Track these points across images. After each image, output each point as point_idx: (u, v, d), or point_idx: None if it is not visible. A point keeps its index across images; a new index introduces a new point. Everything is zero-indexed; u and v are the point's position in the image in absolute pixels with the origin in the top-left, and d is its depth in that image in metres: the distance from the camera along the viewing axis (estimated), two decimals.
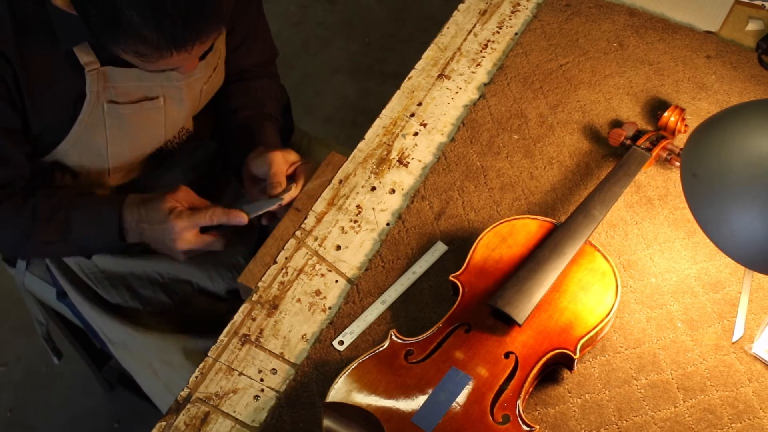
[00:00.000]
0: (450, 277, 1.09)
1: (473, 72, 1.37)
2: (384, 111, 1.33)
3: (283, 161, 1.26)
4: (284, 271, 1.17)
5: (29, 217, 1.20)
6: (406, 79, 1.37)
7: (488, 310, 1.05)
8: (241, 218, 1.21)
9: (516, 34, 1.41)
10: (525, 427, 0.96)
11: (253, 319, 1.13)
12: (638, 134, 1.23)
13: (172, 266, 1.40)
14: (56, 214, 1.21)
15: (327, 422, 0.99)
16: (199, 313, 1.42)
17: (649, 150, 1.19)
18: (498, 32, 1.42)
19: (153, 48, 0.98)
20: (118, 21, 0.95)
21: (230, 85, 1.40)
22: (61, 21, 1.08)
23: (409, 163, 1.27)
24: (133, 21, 0.94)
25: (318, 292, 1.16)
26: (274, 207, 1.24)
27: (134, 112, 1.21)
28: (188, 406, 1.07)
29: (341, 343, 1.10)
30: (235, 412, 1.06)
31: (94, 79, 1.14)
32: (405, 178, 1.26)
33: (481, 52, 1.39)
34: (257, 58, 1.43)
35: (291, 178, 1.28)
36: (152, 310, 1.40)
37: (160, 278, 1.42)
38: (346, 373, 1.01)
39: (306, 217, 1.22)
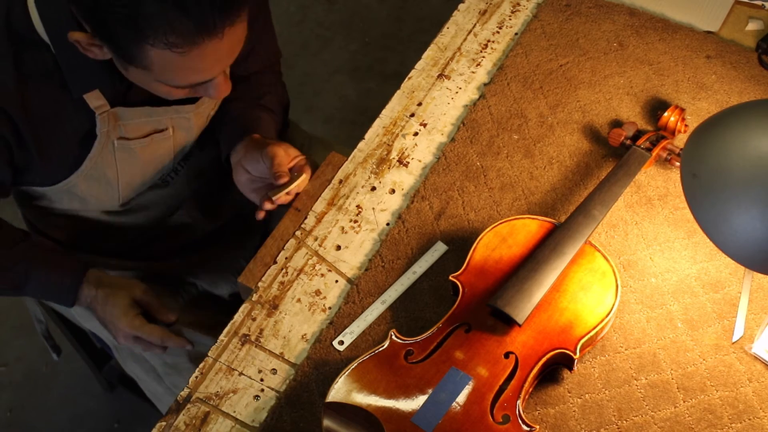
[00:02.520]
0: (450, 277, 1.09)
1: (473, 72, 1.37)
2: (384, 111, 1.33)
3: (284, 154, 1.25)
4: (284, 271, 1.17)
5: None
6: (406, 79, 1.37)
7: (488, 310, 1.05)
8: (187, 346, 1.29)
9: (516, 34, 1.41)
10: (525, 427, 0.96)
11: (253, 319, 1.13)
12: (638, 134, 1.23)
13: (175, 271, 1.41)
14: (15, 266, 1.23)
15: (327, 422, 0.99)
16: (203, 316, 1.42)
17: (649, 150, 1.19)
18: (498, 32, 1.42)
19: (183, 36, 0.95)
20: (143, 14, 0.93)
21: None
22: (72, 69, 1.09)
23: (409, 163, 1.27)
24: (158, 10, 0.93)
25: (318, 292, 1.16)
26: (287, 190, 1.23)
27: (144, 145, 1.22)
28: (188, 406, 1.07)
29: (341, 343, 1.10)
30: (235, 412, 1.06)
31: (105, 121, 1.15)
32: (405, 178, 1.26)
33: (481, 52, 1.40)
34: (261, 64, 1.41)
35: (291, 173, 1.27)
36: None
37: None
38: (346, 373, 1.01)
39: (306, 217, 1.22)
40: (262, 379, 1.09)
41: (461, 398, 0.98)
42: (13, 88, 1.08)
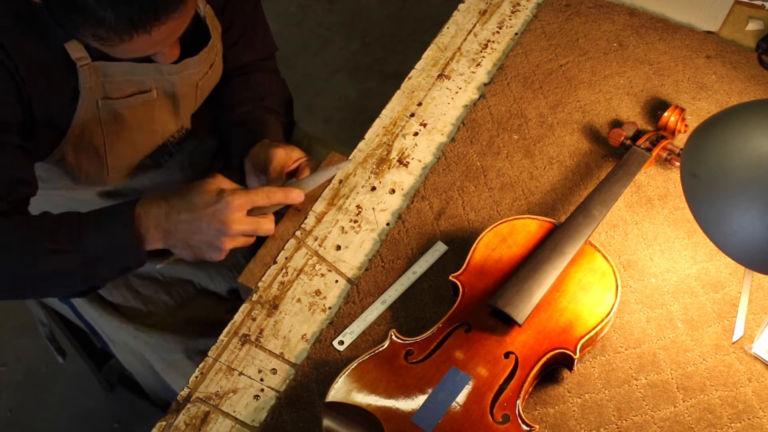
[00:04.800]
0: (450, 277, 1.09)
1: (473, 72, 1.37)
2: (384, 111, 1.33)
3: (285, 156, 1.25)
4: (284, 271, 1.17)
5: (37, 225, 1.11)
6: (406, 79, 1.37)
7: (488, 310, 1.05)
8: (299, 195, 1.13)
9: (516, 34, 1.41)
10: (525, 427, 0.96)
11: (253, 319, 1.13)
12: (638, 134, 1.23)
13: (173, 267, 1.40)
14: (66, 218, 1.12)
15: (327, 422, 0.99)
16: (201, 313, 1.42)
17: (649, 150, 1.19)
18: (498, 32, 1.42)
19: (111, 30, 0.97)
20: (74, 4, 0.95)
21: (230, 81, 1.39)
22: (49, 18, 1.08)
23: (409, 163, 1.27)
24: (88, 3, 0.94)
25: (318, 292, 1.16)
26: (327, 178, 1.22)
27: (128, 107, 1.20)
28: (188, 405, 1.07)
29: (341, 343, 1.10)
30: (235, 411, 1.06)
31: (87, 75, 1.14)
32: (405, 178, 1.26)
33: (481, 52, 1.40)
34: (257, 54, 1.42)
35: (292, 175, 1.27)
36: (154, 310, 1.40)
37: (162, 278, 1.42)
38: (346, 373, 1.01)
39: (306, 217, 1.22)
40: (262, 379, 1.09)
41: (461, 398, 0.98)
42: (12, 30, 1.08)
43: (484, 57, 1.39)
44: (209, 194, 1.07)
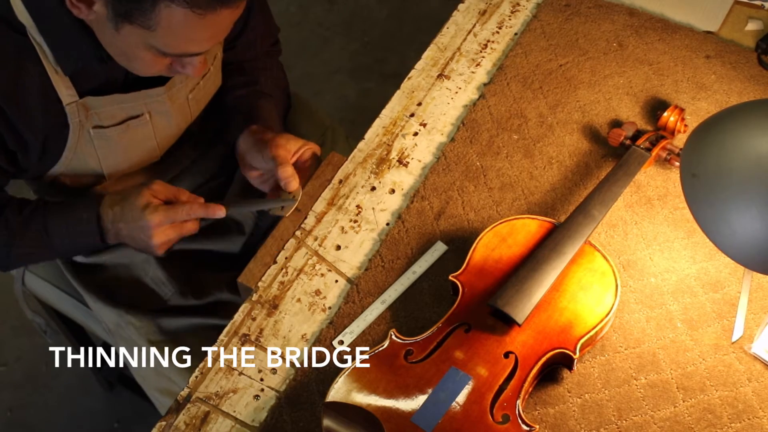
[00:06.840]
0: (450, 277, 1.09)
1: (473, 72, 1.37)
2: (384, 111, 1.33)
3: (285, 153, 1.24)
4: (284, 270, 1.18)
5: (5, 231, 1.19)
6: (406, 79, 1.37)
7: (488, 310, 1.05)
8: (219, 212, 1.18)
9: (516, 34, 1.42)
10: (525, 427, 0.96)
11: (253, 319, 1.14)
12: (638, 134, 1.23)
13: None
14: (31, 224, 1.20)
15: (327, 422, 0.99)
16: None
17: (649, 150, 1.19)
18: (498, 32, 1.42)
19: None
20: None
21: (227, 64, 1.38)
22: (59, 47, 1.07)
23: (408, 163, 1.28)
24: None
25: (318, 292, 1.16)
26: (264, 209, 1.22)
27: (121, 132, 1.20)
28: (188, 405, 1.07)
29: (341, 342, 1.10)
30: (235, 411, 1.06)
31: (75, 111, 1.14)
32: (405, 178, 1.26)
33: (480, 52, 1.40)
34: (261, 46, 1.41)
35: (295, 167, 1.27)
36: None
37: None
38: (346, 372, 1.01)
39: (306, 217, 1.22)
40: (262, 379, 1.09)
41: (461, 398, 0.98)
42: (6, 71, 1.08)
43: (483, 57, 1.39)
44: (136, 210, 1.16)
